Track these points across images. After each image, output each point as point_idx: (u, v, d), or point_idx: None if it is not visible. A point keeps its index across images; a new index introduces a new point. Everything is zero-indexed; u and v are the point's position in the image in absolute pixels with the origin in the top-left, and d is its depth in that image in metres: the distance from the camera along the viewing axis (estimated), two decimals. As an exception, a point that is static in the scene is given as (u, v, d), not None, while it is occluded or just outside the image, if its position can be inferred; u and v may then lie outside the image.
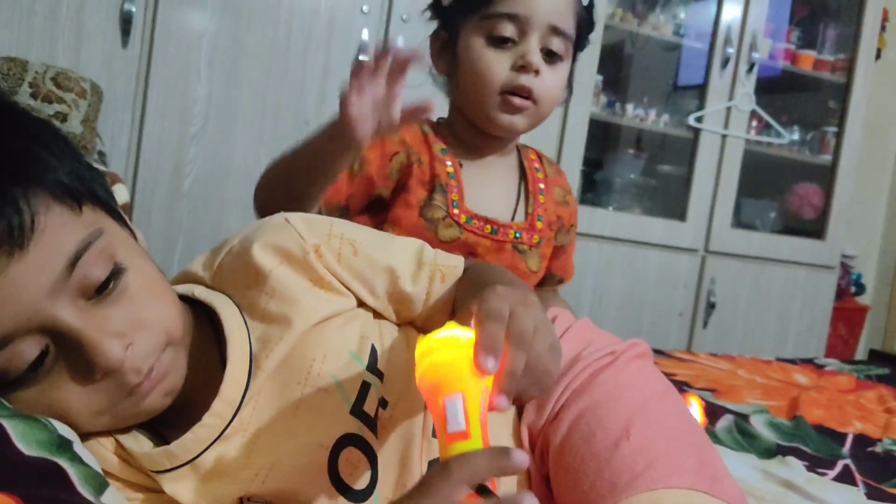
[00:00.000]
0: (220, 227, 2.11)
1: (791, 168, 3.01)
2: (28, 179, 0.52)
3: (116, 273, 0.56)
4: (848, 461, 1.13)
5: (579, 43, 1.11)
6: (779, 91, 2.90)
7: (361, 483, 0.63)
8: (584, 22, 1.09)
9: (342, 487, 0.62)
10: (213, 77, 2.10)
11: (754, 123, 2.83)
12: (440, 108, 1.02)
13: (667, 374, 1.09)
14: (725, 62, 2.67)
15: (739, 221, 2.88)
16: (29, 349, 0.52)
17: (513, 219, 1.10)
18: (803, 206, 2.98)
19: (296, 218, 0.71)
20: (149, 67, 2.04)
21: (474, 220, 1.05)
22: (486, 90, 1.04)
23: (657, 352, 1.66)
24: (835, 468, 1.09)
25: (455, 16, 1.08)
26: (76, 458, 0.46)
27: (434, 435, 0.68)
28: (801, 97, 3.07)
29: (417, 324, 0.77)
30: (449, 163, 1.07)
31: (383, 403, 0.67)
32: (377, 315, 0.75)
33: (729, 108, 2.70)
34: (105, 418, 0.57)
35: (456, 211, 1.05)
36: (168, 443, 0.62)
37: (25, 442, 0.43)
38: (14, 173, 0.51)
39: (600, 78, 2.61)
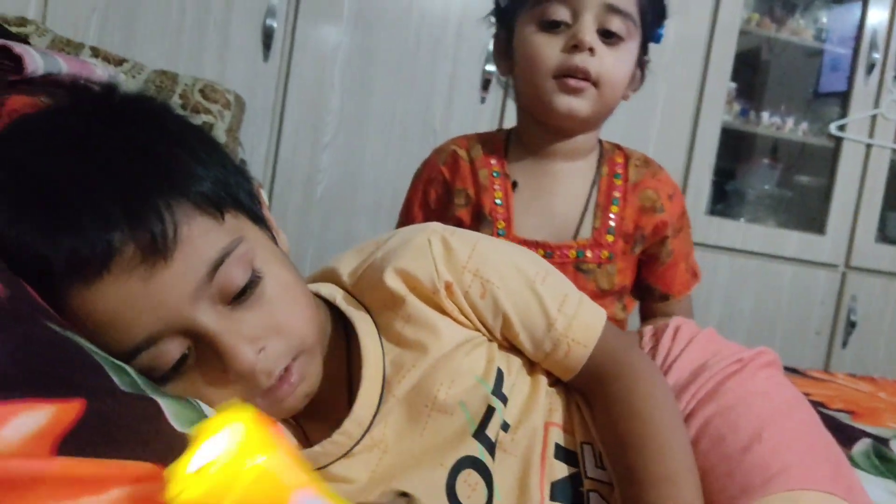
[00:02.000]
0: (349, 233, 2.19)
1: (944, 181, 2.81)
2: (175, 190, 0.55)
3: (254, 279, 0.58)
4: None
5: (648, 31, 1.05)
6: (930, 98, 2.71)
7: None
8: (649, 5, 1.03)
9: None
10: (346, 88, 2.18)
11: (903, 132, 2.66)
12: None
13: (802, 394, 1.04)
14: (871, 68, 2.52)
15: (885, 236, 2.70)
16: (173, 349, 0.55)
17: (576, 235, 1.04)
18: (958, 221, 2.77)
19: (438, 244, 0.70)
20: (287, 79, 2.15)
21: (523, 247, 0.99)
22: (538, 76, 0.99)
23: (791, 370, 1.58)
24: None
25: (512, 12, 1.05)
26: (222, 438, 0.50)
27: (557, 457, 0.68)
28: (955, 105, 2.86)
29: None
30: (497, 187, 1.05)
31: (505, 426, 0.68)
32: None
33: (874, 117, 2.55)
34: None
35: (502, 239, 1.01)
36: (304, 432, 0.65)
37: (178, 420, 0.47)
38: (160, 184, 0.54)
39: (734, 85, 2.52)
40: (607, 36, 0.99)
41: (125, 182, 0.53)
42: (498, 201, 1.04)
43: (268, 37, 2.11)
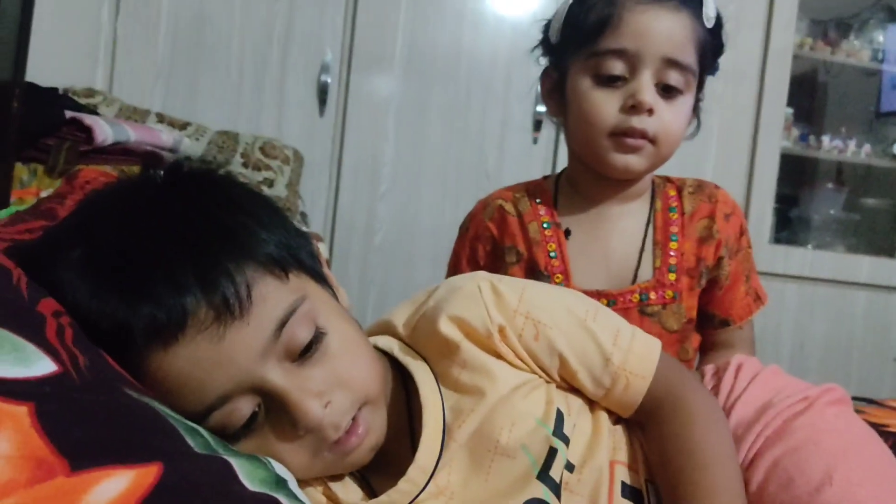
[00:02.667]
0: (409, 280, 2.22)
1: None
2: (242, 254, 0.57)
3: (318, 335, 0.60)
4: None
5: (705, 71, 1.00)
6: None
7: None
8: (709, 47, 0.98)
9: None
10: (400, 138, 2.22)
11: (972, 149, 2.59)
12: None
13: (879, 425, 1.00)
14: (934, 84, 2.47)
15: (961, 255, 2.61)
16: (244, 407, 0.57)
17: (635, 279, 1.01)
18: None
19: (488, 290, 0.71)
20: (343, 132, 2.21)
21: None
22: (594, 134, 0.96)
23: (868, 400, 1.53)
24: None
25: (563, 53, 1.01)
26: (292, 495, 0.51)
27: (624, 495, 0.68)
28: None
29: None
30: (551, 239, 1.02)
31: (569, 467, 0.68)
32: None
33: (941, 134, 2.48)
34: (313, 468, 0.62)
35: None
36: (370, 485, 0.66)
37: (249, 479, 0.48)
38: (230, 248, 0.57)
39: (790, 111, 2.49)
40: (666, 90, 0.95)
41: (196, 249, 0.56)
42: (553, 254, 1.02)
43: (323, 92, 2.17)
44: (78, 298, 0.54)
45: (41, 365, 0.44)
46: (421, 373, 0.69)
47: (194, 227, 0.57)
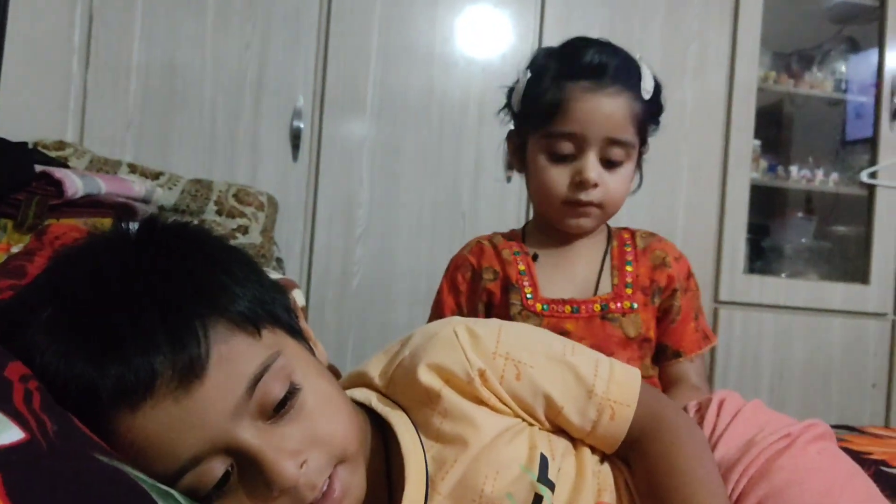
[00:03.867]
0: (387, 323, 2.20)
1: None
2: (213, 311, 0.57)
3: (292, 392, 0.59)
4: None
5: (647, 133, 1.15)
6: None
7: None
8: (647, 116, 1.13)
9: None
10: (375, 181, 2.23)
11: (937, 174, 2.63)
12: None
13: (861, 453, 1.01)
14: (895, 114, 2.52)
15: (932, 279, 2.65)
16: (216, 468, 0.55)
17: (596, 292, 1.14)
18: None
19: (464, 334, 0.71)
20: (317, 177, 2.21)
21: (552, 306, 1.12)
22: (549, 202, 1.13)
23: (849, 428, 1.53)
24: None
25: (523, 124, 1.18)
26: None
27: None
28: None
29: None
30: (521, 262, 1.17)
31: None
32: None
33: (905, 161, 2.53)
34: None
35: (531, 302, 1.13)
36: None
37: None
38: (201, 306, 0.56)
39: (758, 143, 2.53)
40: (609, 163, 1.10)
41: (168, 308, 0.55)
42: (522, 272, 1.16)
43: (296, 138, 2.18)
44: (47, 360, 0.53)
45: (9, 433, 0.43)
46: (400, 423, 0.68)
47: (166, 285, 0.57)
